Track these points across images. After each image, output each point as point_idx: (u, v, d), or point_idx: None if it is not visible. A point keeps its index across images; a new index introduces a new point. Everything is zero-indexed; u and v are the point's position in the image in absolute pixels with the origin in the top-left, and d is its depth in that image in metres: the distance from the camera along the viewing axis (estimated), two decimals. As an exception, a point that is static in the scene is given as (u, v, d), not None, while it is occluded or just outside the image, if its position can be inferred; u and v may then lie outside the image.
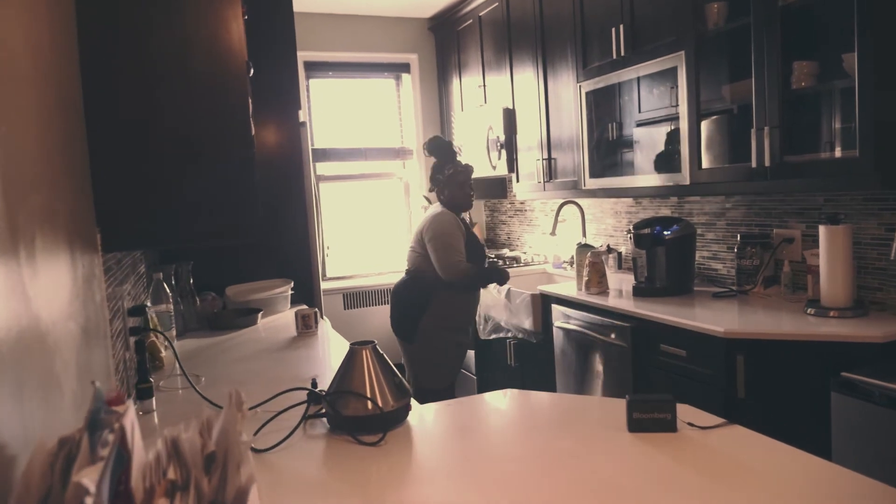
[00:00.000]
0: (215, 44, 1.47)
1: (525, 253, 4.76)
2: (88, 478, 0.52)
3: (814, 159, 2.35)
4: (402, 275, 3.35)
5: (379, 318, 5.00)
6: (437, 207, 3.25)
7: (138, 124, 1.42)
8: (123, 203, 1.42)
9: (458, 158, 3.23)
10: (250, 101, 1.58)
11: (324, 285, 4.90)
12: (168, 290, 2.40)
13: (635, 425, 1.37)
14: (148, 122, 1.43)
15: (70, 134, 1.19)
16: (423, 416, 1.56)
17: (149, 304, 2.25)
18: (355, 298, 4.99)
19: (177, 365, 1.94)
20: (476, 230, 5.09)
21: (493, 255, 4.65)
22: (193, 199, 1.49)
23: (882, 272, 2.34)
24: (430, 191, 3.34)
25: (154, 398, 1.70)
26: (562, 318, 3.19)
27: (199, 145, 1.47)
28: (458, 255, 3.00)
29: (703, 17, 2.64)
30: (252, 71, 1.71)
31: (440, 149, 3.16)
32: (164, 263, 2.83)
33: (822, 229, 2.28)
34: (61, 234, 0.98)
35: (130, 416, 0.68)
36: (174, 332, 2.43)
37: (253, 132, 1.58)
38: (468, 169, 3.19)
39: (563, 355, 3.22)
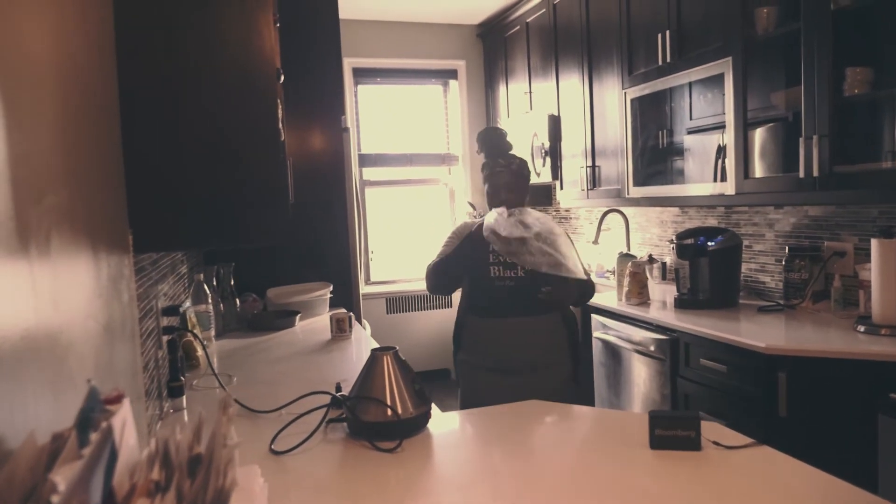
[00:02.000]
0: (247, 50, 1.50)
1: (569, 261, 4.69)
2: (62, 475, 0.53)
3: (865, 170, 2.24)
4: None
5: (420, 324, 5.02)
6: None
7: (170, 128, 1.46)
8: (155, 205, 1.46)
9: (512, 153, 2.46)
10: (280, 106, 1.61)
11: (367, 289, 4.96)
12: (208, 291, 2.47)
13: (658, 442, 1.32)
14: (180, 126, 1.47)
15: (100, 136, 1.23)
16: (444, 425, 1.55)
17: (188, 303, 2.31)
18: (398, 303, 5.02)
19: (210, 364, 1.99)
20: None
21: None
22: (223, 202, 1.52)
23: (940, 289, 2.21)
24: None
25: (185, 396, 1.75)
26: (601, 329, 3.13)
27: (229, 149, 1.50)
28: (436, 258, 2.43)
29: (753, 22, 2.55)
30: (283, 78, 1.74)
31: (484, 143, 2.47)
32: (208, 264, 2.90)
33: (874, 243, 2.17)
34: (82, 233, 1.01)
35: (123, 415, 0.70)
36: (213, 332, 2.49)
37: (283, 137, 1.61)
38: (508, 167, 2.39)
39: (602, 366, 3.16)
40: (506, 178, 2.38)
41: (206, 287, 2.46)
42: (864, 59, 2.21)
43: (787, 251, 2.71)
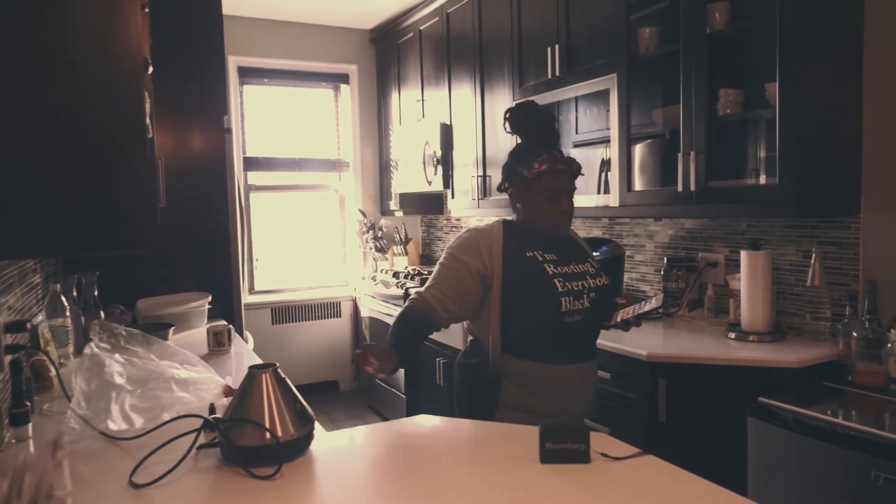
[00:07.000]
0: (110, 35, 1.35)
1: (460, 270, 4.69)
2: None
3: (737, 185, 2.38)
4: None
5: (308, 334, 4.85)
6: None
7: (16, 122, 1.28)
8: (-4, 208, 1.28)
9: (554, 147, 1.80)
10: (149, 100, 1.46)
11: (251, 299, 4.74)
12: (66, 303, 2.23)
13: (548, 456, 1.30)
14: (27, 120, 1.29)
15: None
16: (327, 446, 1.46)
17: (41, 317, 2.07)
18: (284, 313, 4.82)
19: (69, 386, 1.78)
20: (411, 246, 5.01)
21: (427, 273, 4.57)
22: (79, 204, 1.35)
23: (799, 297, 2.37)
24: (501, 189, 1.88)
25: (31, 424, 1.54)
26: (491, 338, 3.13)
27: (85, 145, 1.34)
28: (431, 284, 1.77)
29: (636, 41, 2.65)
30: (151, 68, 1.59)
31: (527, 124, 1.78)
32: (67, 273, 2.63)
33: (742, 254, 2.30)
34: None
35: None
36: (71, 349, 2.25)
37: (151, 134, 1.46)
38: (570, 167, 1.75)
39: (492, 376, 3.16)
40: (568, 183, 1.75)
41: (63, 298, 2.22)
42: (735, 82, 2.34)
43: (665, 261, 2.83)
